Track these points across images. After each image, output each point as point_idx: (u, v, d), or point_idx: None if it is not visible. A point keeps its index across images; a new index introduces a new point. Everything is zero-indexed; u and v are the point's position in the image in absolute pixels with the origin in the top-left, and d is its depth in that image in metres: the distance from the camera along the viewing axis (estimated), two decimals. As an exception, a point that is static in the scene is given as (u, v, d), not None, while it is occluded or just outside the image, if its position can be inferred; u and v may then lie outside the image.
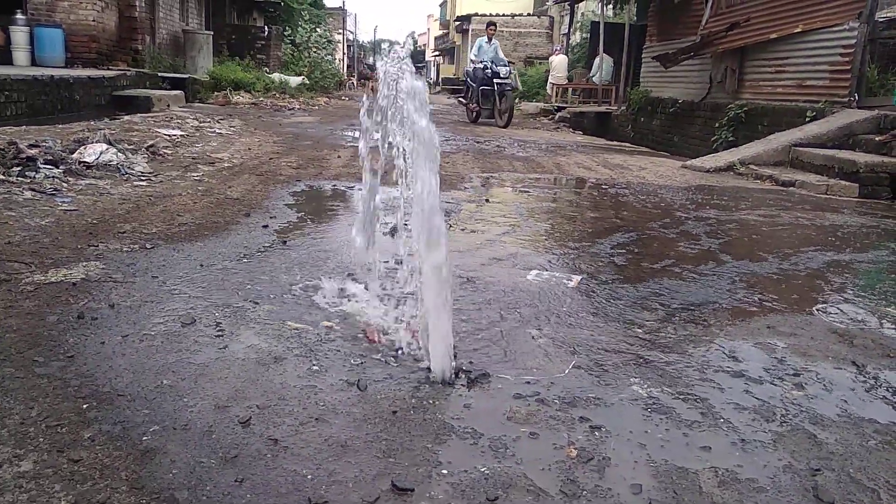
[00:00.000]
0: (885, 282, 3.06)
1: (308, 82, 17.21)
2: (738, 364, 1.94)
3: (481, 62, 11.94)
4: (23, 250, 2.53)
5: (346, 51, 37.51)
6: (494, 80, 11.42)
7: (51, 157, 4.16)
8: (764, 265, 3.09)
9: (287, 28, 20.54)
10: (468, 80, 12.70)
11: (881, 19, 8.45)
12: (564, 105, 16.64)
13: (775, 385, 1.82)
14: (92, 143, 4.70)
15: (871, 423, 1.64)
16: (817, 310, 2.51)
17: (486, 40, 12.34)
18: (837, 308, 2.55)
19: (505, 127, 11.26)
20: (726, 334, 2.18)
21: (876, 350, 2.13)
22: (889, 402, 1.77)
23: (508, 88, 11.64)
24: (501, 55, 12.30)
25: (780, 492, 1.33)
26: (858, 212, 4.85)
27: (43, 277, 2.25)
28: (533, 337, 2.05)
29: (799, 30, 8.56)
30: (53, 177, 3.84)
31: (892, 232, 4.11)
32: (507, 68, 11.70)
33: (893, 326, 2.39)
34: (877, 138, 6.77)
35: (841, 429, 1.60)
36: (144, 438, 1.37)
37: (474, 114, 12.47)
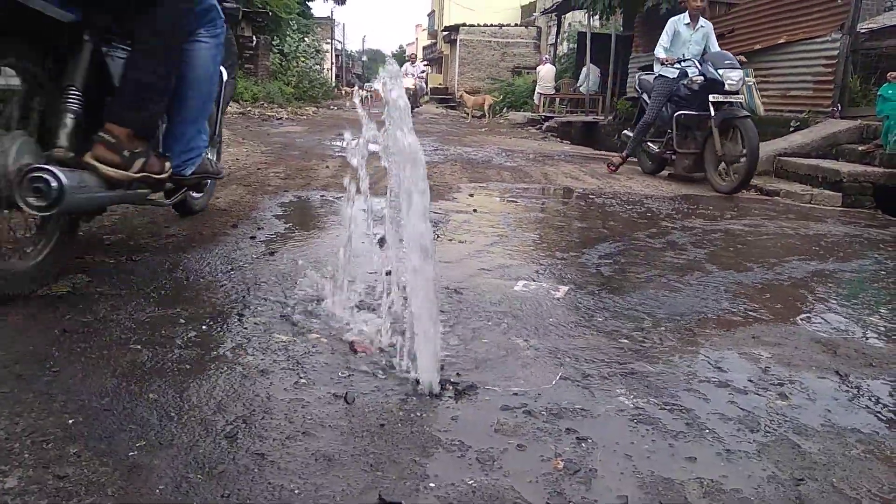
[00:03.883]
0: (868, 291, 3.10)
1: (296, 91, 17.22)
2: (723, 374, 1.96)
3: (679, 62, 6.31)
4: (8, 263, 2.52)
5: (334, 60, 37.56)
6: (711, 98, 5.90)
7: (36, 169, 4.13)
8: (749, 275, 3.12)
9: (275, 38, 20.57)
10: (642, 95, 7.08)
11: (863, 30, 8.58)
12: (552, 115, 16.78)
13: (760, 395, 1.84)
14: (78, 153, 4.67)
15: (853, 433, 1.66)
16: (801, 319, 2.53)
17: (687, 20, 6.47)
18: (821, 317, 2.58)
19: (734, 192, 5.88)
20: (711, 344, 2.20)
21: (859, 359, 2.15)
22: (872, 412, 1.79)
23: (743, 114, 5.87)
24: (717, 46, 6.53)
25: (764, 502, 1.34)
26: (842, 221, 4.91)
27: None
28: (520, 348, 2.06)
29: (783, 41, 8.68)
30: (39, 188, 3.81)
31: (876, 241, 4.16)
32: (739, 72, 5.98)
33: (876, 336, 2.42)
34: (860, 148, 6.87)
35: (824, 438, 1.62)
36: (131, 454, 1.36)
37: (653, 161, 7.09)
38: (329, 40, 34.48)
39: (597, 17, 15.72)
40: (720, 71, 5.92)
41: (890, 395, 1.91)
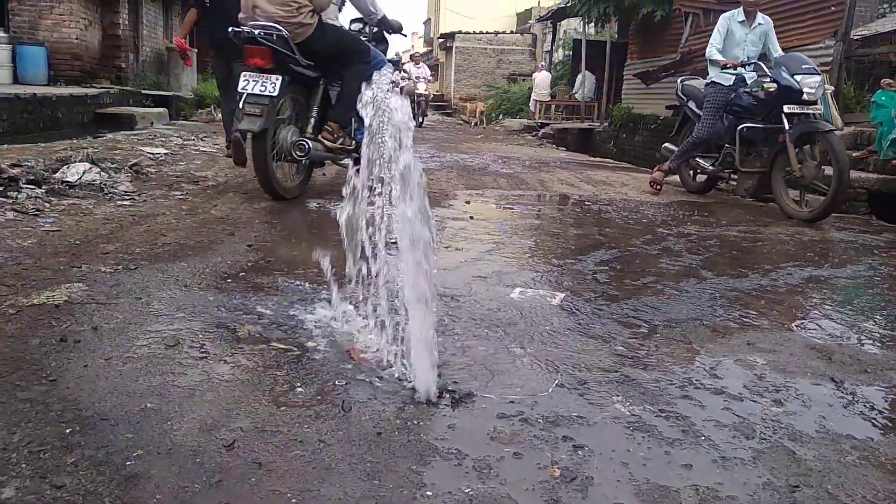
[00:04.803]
0: (862, 297, 3.11)
1: None
2: (719, 381, 1.97)
3: (744, 65, 5.41)
4: (4, 272, 2.52)
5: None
6: (786, 109, 4.97)
7: (33, 177, 4.15)
8: (744, 281, 3.13)
9: (271, 45, 20.51)
10: (688, 104, 6.08)
11: (856, 37, 8.63)
12: (547, 121, 16.83)
13: (755, 402, 1.85)
14: (75, 162, 4.68)
15: (848, 439, 1.67)
16: (796, 326, 2.54)
17: (742, 18, 5.55)
18: (816, 324, 2.59)
19: (817, 220, 4.89)
20: (707, 351, 2.21)
21: (854, 366, 2.16)
22: (866, 418, 1.80)
23: (828, 128, 5.00)
24: (778, 47, 5.63)
25: (759, 509, 1.35)
26: (837, 227, 4.92)
27: (25, 300, 2.24)
28: (516, 355, 2.06)
29: (777, 48, 8.71)
30: (36, 197, 3.82)
31: (870, 247, 4.18)
32: (818, 78, 5.05)
33: (871, 342, 2.43)
34: (854, 154, 6.89)
35: (819, 445, 1.63)
36: (128, 463, 1.36)
37: (705, 178, 6.19)
38: (325, 47, 34.51)
39: (592, 24, 15.79)
40: (797, 77, 4.95)
41: (885, 402, 1.92)
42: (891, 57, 7.68)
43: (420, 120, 15.97)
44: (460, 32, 30.99)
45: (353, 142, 4.53)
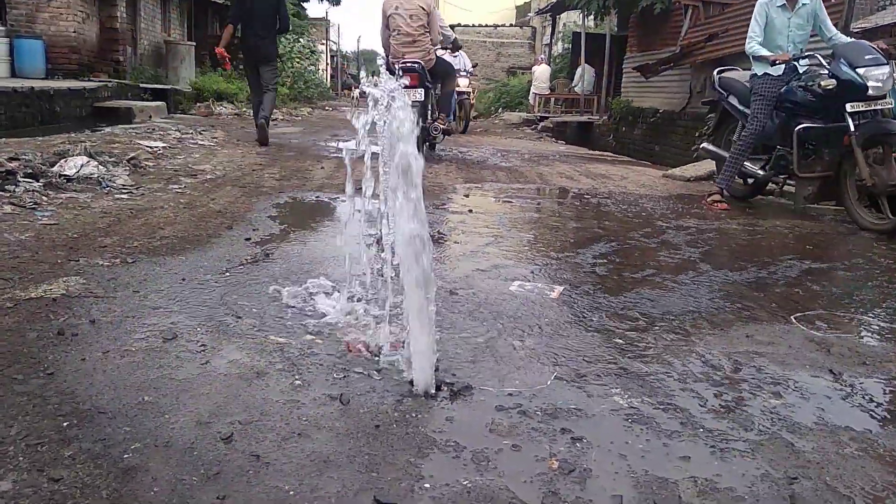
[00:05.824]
0: (861, 290, 3.11)
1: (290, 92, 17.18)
2: (717, 373, 1.97)
3: (796, 59, 4.75)
4: (2, 266, 2.51)
5: (329, 61, 37.51)
6: (849, 108, 4.36)
7: (31, 171, 4.14)
8: (743, 274, 3.13)
9: (270, 39, 20.47)
10: (728, 98, 5.37)
11: (856, 30, 8.60)
12: (547, 115, 16.78)
13: (754, 394, 1.85)
14: (73, 155, 4.67)
15: (846, 431, 1.67)
16: (795, 318, 2.54)
17: (781, 2, 4.79)
18: (815, 316, 2.59)
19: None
20: (706, 343, 2.21)
21: (852, 358, 2.16)
22: (865, 410, 1.80)
23: None
24: (832, 26, 4.92)
25: (757, 500, 1.35)
26: (836, 220, 4.92)
27: (23, 293, 2.23)
28: (515, 348, 2.06)
29: (776, 40, 8.67)
30: (33, 190, 3.81)
31: (869, 240, 4.18)
32: (886, 69, 4.37)
33: (870, 334, 2.43)
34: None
35: (818, 437, 1.63)
36: (125, 456, 1.36)
37: (750, 183, 5.45)
38: (324, 41, 34.43)
39: (591, 17, 15.72)
40: (860, 70, 4.28)
41: (883, 394, 1.92)
42: (891, 50, 7.60)
43: (463, 125, 12.22)
44: (459, 25, 30.91)
45: (448, 121, 7.52)
